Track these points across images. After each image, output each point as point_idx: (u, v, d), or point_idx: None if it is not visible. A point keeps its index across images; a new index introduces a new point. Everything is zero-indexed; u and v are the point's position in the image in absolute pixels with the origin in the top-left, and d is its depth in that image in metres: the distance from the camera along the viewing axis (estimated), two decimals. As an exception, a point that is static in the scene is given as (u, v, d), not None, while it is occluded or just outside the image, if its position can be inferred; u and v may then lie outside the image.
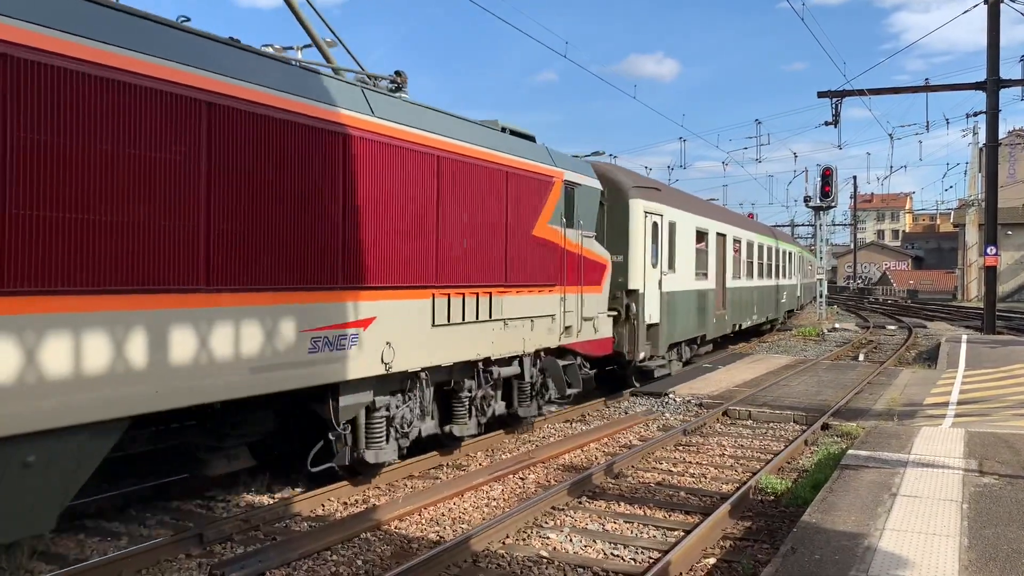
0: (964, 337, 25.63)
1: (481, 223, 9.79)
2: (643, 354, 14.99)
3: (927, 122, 65.77)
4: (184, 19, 6.69)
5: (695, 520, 7.75)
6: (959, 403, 13.15)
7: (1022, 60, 72.52)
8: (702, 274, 19.14)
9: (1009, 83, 26.69)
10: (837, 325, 35.29)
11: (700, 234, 19.10)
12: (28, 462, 5.19)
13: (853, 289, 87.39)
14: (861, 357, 23.40)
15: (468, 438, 10.42)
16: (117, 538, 7.10)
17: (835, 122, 29.16)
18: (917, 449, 9.38)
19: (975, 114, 39.19)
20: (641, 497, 8.69)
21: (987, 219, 27.12)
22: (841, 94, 28.35)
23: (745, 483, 8.84)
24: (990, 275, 27.09)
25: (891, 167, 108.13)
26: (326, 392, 7.68)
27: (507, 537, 7.20)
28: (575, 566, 6.57)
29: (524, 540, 7.20)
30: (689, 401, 14.59)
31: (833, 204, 38.56)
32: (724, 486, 9.16)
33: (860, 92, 28.07)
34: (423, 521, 7.78)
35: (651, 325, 15.35)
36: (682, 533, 7.29)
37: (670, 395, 14.98)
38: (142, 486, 8.25)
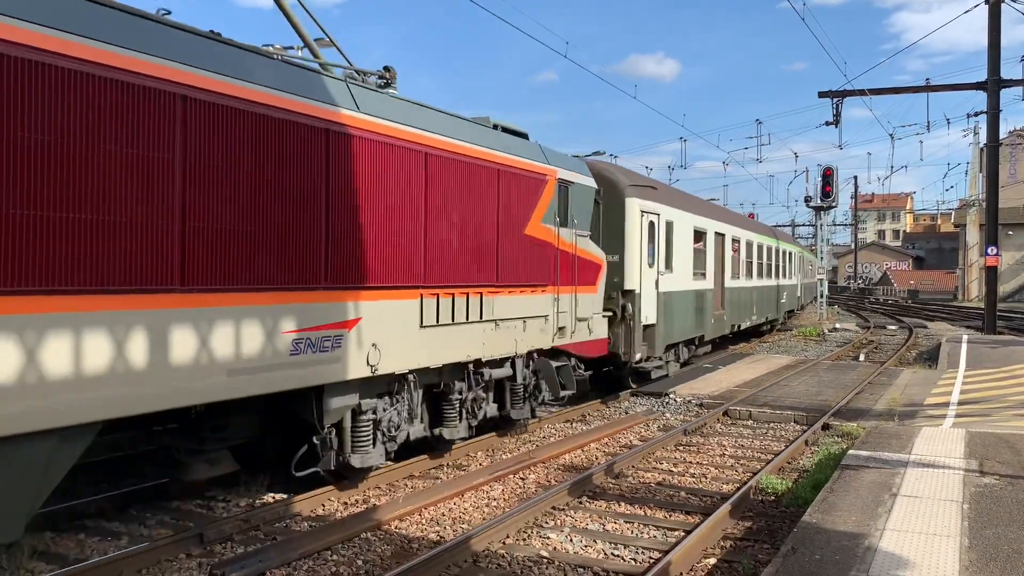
0: (965, 337, 25.62)
1: (471, 221, 9.58)
2: (639, 355, 14.80)
3: (928, 122, 66.09)
4: (164, 12, 6.51)
5: (696, 520, 7.75)
6: (960, 403, 13.14)
7: (1023, 60, 72.59)
8: (700, 274, 18.97)
9: (1010, 83, 26.67)
10: (838, 325, 35.31)
11: (698, 234, 18.95)
12: None
13: (854, 289, 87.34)
14: (862, 357, 23.40)
15: (459, 441, 10.26)
16: (117, 538, 7.10)
17: (836, 122, 29.13)
18: (918, 449, 9.38)
19: (976, 114, 39.30)
20: (642, 497, 8.69)
21: (988, 219, 27.12)
22: (842, 94, 28.35)
23: (746, 483, 8.84)
24: (991, 275, 27.09)
25: (892, 167, 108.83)
26: (310, 395, 7.55)
27: (507, 537, 7.20)
28: (575, 566, 6.57)
29: (524, 540, 7.20)
30: (689, 401, 14.59)
31: (834, 204, 38.64)
32: (725, 486, 9.15)
33: (861, 92, 28.08)
34: (423, 521, 7.78)
35: (647, 326, 15.15)
36: (683, 533, 7.29)
37: (670, 395, 14.98)
38: (142, 486, 8.24)
